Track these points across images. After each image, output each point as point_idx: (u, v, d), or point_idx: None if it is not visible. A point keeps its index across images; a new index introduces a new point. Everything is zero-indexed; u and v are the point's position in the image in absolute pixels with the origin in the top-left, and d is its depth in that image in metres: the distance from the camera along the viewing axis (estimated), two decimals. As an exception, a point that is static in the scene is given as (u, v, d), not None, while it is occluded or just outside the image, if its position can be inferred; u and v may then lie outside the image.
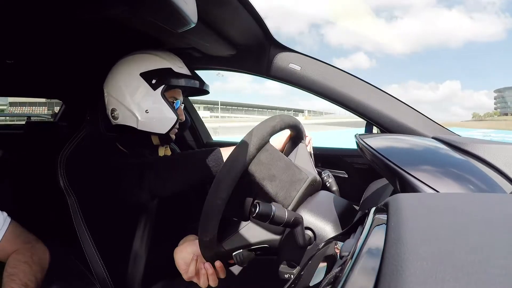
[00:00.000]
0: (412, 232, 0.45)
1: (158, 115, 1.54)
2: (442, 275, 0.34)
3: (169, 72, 1.56)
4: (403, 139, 1.40)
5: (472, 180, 0.95)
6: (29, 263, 1.29)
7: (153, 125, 1.55)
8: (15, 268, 1.24)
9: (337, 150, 2.14)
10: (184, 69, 1.64)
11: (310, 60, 1.74)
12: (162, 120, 1.54)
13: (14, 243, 1.34)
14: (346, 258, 0.57)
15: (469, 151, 1.08)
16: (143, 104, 1.53)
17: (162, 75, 1.54)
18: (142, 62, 1.57)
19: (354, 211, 1.33)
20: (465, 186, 0.92)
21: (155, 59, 1.58)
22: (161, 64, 1.56)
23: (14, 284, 1.19)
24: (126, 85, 1.56)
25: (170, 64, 1.57)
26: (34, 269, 1.28)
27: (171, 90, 1.60)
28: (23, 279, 1.22)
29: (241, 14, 1.48)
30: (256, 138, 1.10)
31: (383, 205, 0.61)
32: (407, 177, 0.90)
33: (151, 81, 1.52)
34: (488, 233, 0.46)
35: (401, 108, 1.64)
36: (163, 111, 1.53)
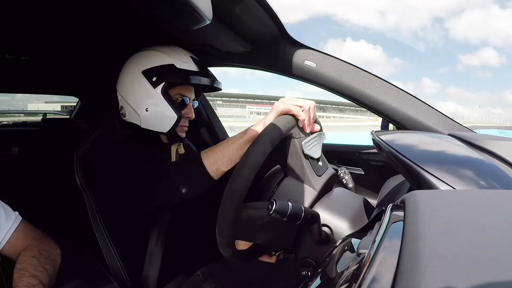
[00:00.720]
0: (430, 229, 0.45)
1: (158, 114, 1.52)
2: (460, 272, 0.35)
3: (170, 68, 1.53)
4: (419, 136, 1.39)
5: (488, 176, 0.94)
6: (37, 256, 1.30)
7: (154, 123, 1.54)
8: (23, 263, 1.26)
9: (353, 147, 2.13)
10: (189, 64, 1.58)
11: (325, 57, 1.73)
12: (162, 118, 1.52)
13: (24, 240, 1.35)
14: (363, 255, 0.57)
15: (485, 148, 1.08)
16: (144, 102, 1.52)
17: (163, 72, 1.52)
18: (144, 60, 1.56)
19: (371, 208, 1.32)
20: (481, 183, 0.91)
21: (157, 55, 1.56)
22: (163, 61, 1.54)
23: (24, 277, 1.21)
24: (129, 83, 1.56)
25: (172, 60, 1.54)
26: (42, 261, 1.30)
27: (177, 87, 1.58)
28: (32, 271, 1.23)
29: (256, 10, 1.48)
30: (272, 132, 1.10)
31: (400, 202, 0.61)
32: (423, 174, 0.90)
33: (151, 79, 1.51)
34: (505, 229, 0.46)
35: (417, 105, 1.63)
36: (162, 109, 1.50)
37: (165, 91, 1.51)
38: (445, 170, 0.93)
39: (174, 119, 1.50)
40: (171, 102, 1.51)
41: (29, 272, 1.23)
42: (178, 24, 1.21)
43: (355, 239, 0.81)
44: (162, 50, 1.57)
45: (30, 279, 1.20)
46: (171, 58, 1.53)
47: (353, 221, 1.14)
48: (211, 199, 1.37)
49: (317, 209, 1.16)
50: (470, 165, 1.02)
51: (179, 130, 1.60)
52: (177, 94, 1.57)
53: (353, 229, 1.08)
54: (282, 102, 1.17)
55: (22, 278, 1.20)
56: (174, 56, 1.54)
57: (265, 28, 1.64)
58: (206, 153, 1.31)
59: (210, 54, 2.00)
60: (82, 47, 2.07)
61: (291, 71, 1.78)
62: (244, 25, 1.61)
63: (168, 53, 1.55)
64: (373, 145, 1.27)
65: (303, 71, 1.75)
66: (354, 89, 1.68)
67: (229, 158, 1.27)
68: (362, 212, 1.24)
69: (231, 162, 1.27)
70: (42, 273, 1.25)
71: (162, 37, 1.67)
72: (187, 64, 1.55)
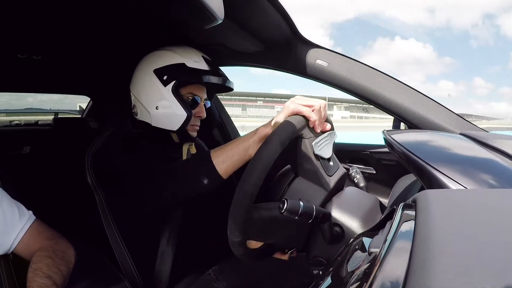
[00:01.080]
0: (441, 228, 0.45)
1: (168, 112, 1.53)
2: (471, 271, 0.35)
3: (181, 67, 1.54)
4: (430, 135, 1.39)
5: (500, 176, 0.94)
6: (52, 256, 1.30)
7: (164, 121, 1.55)
8: (38, 263, 1.26)
9: (364, 146, 2.13)
10: (200, 63, 1.59)
11: (337, 56, 1.73)
12: (172, 116, 1.53)
13: (38, 240, 1.35)
14: (375, 255, 0.57)
15: (497, 147, 1.07)
16: (154, 100, 1.54)
17: (174, 71, 1.53)
18: (156, 59, 1.57)
19: (382, 207, 1.32)
20: (493, 183, 0.91)
21: (169, 55, 1.57)
22: (174, 60, 1.55)
23: (38, 278, 1.21)
24: (141, 82, 1.57)
25: (183, 59, 1.55)
26: (57, 262, 1.30)
27: (188, 86, 1.59)
28: (46, 271, 1.23)
29: (267, 10, 1.48)
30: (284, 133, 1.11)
31: (412, 201, 0.62)
32: (435, 173, 0.90)
33: (162, 78, 1.52)
34: (517, 229, 0.46)
35: (428, 104, 1.62)
36: (172, 107, 1.51)
37: (175, 90, 1.52)
38: (457, 169, 0.92)
39: (184, 117, 1.51)
40: (181, 101, 1.52)
41: (44, 272, 1.23)
42: (191, 23, 1.21)
43: (366, 238, 0.81)
44: (174, 50, 1.58)
45: (44, 279, 1.21)
46: (182, 57, 1.54)
47: (365, 220, 1.14)
48: (222, 198, 1.37)
49: (329, 208, 1.16)
50: (481, 165, 1.01)
51: (190, 129, 1.61)
52: (188, 93, 1.58)
53: (365, 228, 1.08)
54: (292, 102, 1.15)
55: (36, 279, 1.20)
56: (186, 56, 1.55)
57: (277, 27, 1.64)
58: (216, 151, 1.32)
59: (222, 54, 2.00)
60: (93, 47, 2.07)
61: (303, 70, 1.78)
62: (256, 25, 1.61)
63: (180, 53, 1.56)
64: (385, 144, 1.27)
65: (315, 70, 1.75)
66: (366, 88, 1.67)
67: (238, 157, 1.27)
68: (373, 211, 1.24)
69: (240, 161, 1.28)
70: (57, 274, 1.26)
71: (174, 37, 1.68)
72: (198, 64, 1.56)
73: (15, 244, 1.31)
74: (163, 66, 1.53)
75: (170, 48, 1.59)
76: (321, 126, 1.20)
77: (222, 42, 1.84)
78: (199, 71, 1.55)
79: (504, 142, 1.10)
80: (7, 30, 1.65)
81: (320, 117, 1.18)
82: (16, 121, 4.27)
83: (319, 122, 1.17)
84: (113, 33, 1.82)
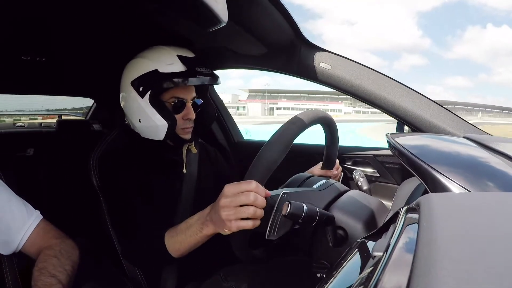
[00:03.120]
0: (444, 232, 0.45)
1: (150, 124, 1.50)
2: (475, 276, 0.35)
3: (154, 75, 1.48)
4: (434, 139, 1.39)
5: (504, 179, 0.94)
6: (58, 256, 1.31)
7: (148, 132, 1.54)
8: (44, 262, 1.27)
9: (368, 149, 2.13)
10: (175, 65, 1.50)
11: (340, 59, 1.73)
12: (154, 128, 1.50)
13: (44, 238, 1.36)
14: (378, 258, 0.57)
15: (501, 151, 1.07)
16: (136, 113, 1.52)
17: (147, 80, 1.49)
18: (131, 69, 1.54)
19: (386, 211, 1.32)
20: (496, 186, 0.91)
21: (142, 62, 1.53)
22: (146, 68, 1.50)
23: (43, 276, 1.22)
24: (124, 95, 1.57)
25: (155, 64, 1.49)
26: (63, 261, 1.30)
27: (170, 90, 1.53)
28: (52, 271, 1.24)
29: (271, 13, 1.48)
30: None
31: (415, 204, 0.61)
32: (438, 176, 0.90)
33: (139, 89, 1.49)
34: (521, 233, 0.46)
35: (432, 107, 1.62)
36: (152, 119, 1.49)
37: (154, 100, 1.49)
38: (460, 172, 0.92)
39: (165, 127, 1.49)
40: (160, 109, 1.49)
41: (49, 271, 1.24)
42: (194, 26, 1.21)
43: (369, 241, 0.81)
44: (146, 55, 1.54)
45: (50, 278, 1.21)
46: (154, 62, 1.49)
47: (368, 223, 1.14)
48: None
49: (332, 211, 1.16)
50: (485, 168, 1.01)
51: (181, 133, 1.58)
52: (171, 98, 1.54)
53: (368, 232, 1.08)
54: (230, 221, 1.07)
55: (41, 277, 1.21)
56: (158, 60, 1.50)
57: (281, 30, 1.64)
58: (169, 240, 1.34)
59: (225, 56, 2.01)
60: (97, 49, 2.08)
61: (306, 73, 1.79)
62: (260, 28, 1.61)
63: (152, 58, 1.52)
64: (388, 147, 1.27)
65: (319, 73, 1.75)
66: (370, 91, 1.68)
67: (189, 247, 1.30)
68: (377, 214, 1.24)
69: (192, 248, 1.31)
70: (62, 273, 1.26)
71: (177, 40, 1.67)
72: (171, 66, 1.49)
73: (23, 242, 1.33)
74: (137, 76, 1.50)
75: (143, 55, 1.55)
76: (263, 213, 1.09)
77: (225, 45, 1.85)
78: (172, 75, 1.48)
79: (508, 145, 1.10)
80: (10, 32, 1.65)
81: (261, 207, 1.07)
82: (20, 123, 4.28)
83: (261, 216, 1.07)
84: (116, 35, 1.83)
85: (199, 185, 1.68)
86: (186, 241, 1.27)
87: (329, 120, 1.36)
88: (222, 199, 1.09)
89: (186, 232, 1.27)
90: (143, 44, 1.61)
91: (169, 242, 1.32)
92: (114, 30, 1.74)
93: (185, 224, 1.30)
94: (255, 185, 1.04)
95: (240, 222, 1.06)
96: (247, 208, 1.04)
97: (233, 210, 1.06)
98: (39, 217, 1.39)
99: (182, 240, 1.28)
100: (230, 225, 1.07)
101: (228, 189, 1.08)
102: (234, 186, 1.07)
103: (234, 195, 1.06)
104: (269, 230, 1.03)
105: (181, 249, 1.30)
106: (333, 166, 1.58)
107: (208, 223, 1.18)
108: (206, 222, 1.19)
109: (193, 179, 1.67)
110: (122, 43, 1.90)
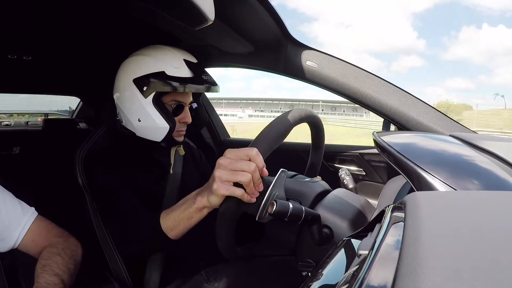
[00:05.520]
0: (430, 230, 0.45)
1: (150, 124, 1.49)
2: (460, 274, 0.35)
3: (160, 76, 1.47)
4: (420, 137, 1.39)
5: (489, 178, 0.94)
6: (62, 255, 1.31)
7: (147, 133, 1.53)
8: (48, 260, 1.27)
9: (354, 147, 2.14)
10: (181, 69, 1.50)
11: (327, 58, 1.73)
12: (154, 129, 1.50)
13: (47, 237, 1.37)
14: (364, 257, 0.57)
15: (486, 149, 1.08)
16: (136, 112, 1.51)
17: (153, 81, 1.47)
18: (135, 67, 1.52)
19: (371, 209, 1.33)
20: (482, 184, 0.91)
21: (148, 61, 1.51)
22: (153, 68, 1.48)
23: (46, 274, 1.21)
24: (122, 91, 1.54)
25: (163, 65, 1.48)
26: (66, 260, 1.30)
27: (171, 93, 1.54)
28: (55, 269, 1.24)
29: (258, 11, 1.48)
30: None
31: (401, 203, 0.61)
32: (424, 175, 0.90)
33: (142, 88, 1.47)
34: (506, 231, 0.46)
35: (418, 106, 1.63)
36: (154, 120, 1.48)
37: (157, 100, 1.49)
38: (446, 171, 0.93)
39: (166, 130, 1.49)
40: (163, 111, 1.49)
41: (52, 270, 1.23)
42: (181, 24, 1.20)
43: (355, 240, 0.81)
44: (153, 55, 1.53)
45: (52, 277, 1.21)
46: (162, 63, 1.48)
47: (354, 222, 1.15)
48: None
49: (318, 210, 1.16)
50: (471, 166, 1.02)
51: (175, 135, 1.58)
52: (171, 101, 1.55)
53: (354, 230, 1.08)
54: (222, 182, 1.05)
55: (44, 275, 1.21)
56: (165, 61, 1.49)
57: (267, 29, 1.64)
58: (164, 218, 1.32)
59: (212, 54, 2.00)
60: (84, 47, 2.07)
61: (293, 72, 1.79)
62: (246, 26, 1.61)
63: (159, 58, 1.50)
64: (375, 145, 1.27)
65: (305, 72, 1.75)
66: (356, 90, 1.68)
67: (183, 226, 1.28)
68: (362, 213, 1.24)
69: (186, 228, 1.28)
70: (65, 272, 1.26)
71: (163, 38, 1.66)
72: (178, 70, 1.49)
73: (20, 239, 1.33)
74: (142, 75, 1.48)
75: (148, 53, 1.54)
76: (257, 193, 1.08)
77: (212, 43, 1.84)
78: (179, 79, 1.48)
79: (493, 143, 1.11)
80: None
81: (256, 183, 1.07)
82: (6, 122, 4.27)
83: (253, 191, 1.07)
84: (103, 34, 1.82)
85: (183, 184, 1.68)
86: (179, 216, 1.26)
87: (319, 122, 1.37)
88: (221, 159, 1.07)
89: (181, 207, 1.26)
90: (130, 42, 1.60)
91: (164, 220, 1.31)
92: (101, 28, 1.74)
93: (182, 200, 1.29)
94: (256, 152, 1.04)
95: (232, 187, 1.04)
96: (244, 174, 1.02)
97: (228, 172, 1.04)
98: (34, 213, 1.39)
99: (176, 215, 1.27)
100: (220, 185, 1.05)
101: (229, 151, 1.07)
102: (236, 150, 1.06)
103: (234, 159, 1.05)
104: (261, 210, 1.02)
105: (175, 227, 1.28)
106: (316, 175, 1.59)
107: (203, 193, 1.16)
108: (201, 192, 1.18)
109: (177, 179, 1.68)
110: (109, 41, 1.90)
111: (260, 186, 1.06)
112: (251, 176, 1.02)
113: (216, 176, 1.05)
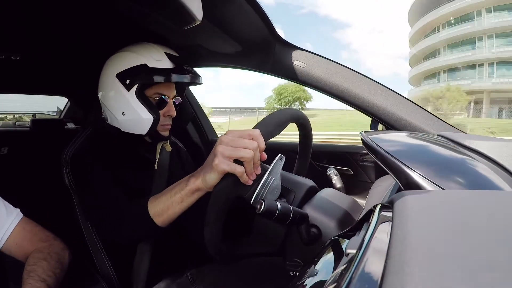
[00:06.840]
0: (417, 229, 0.45)
1: (134, 117, 1.49)
2: (447, 272, 0.35)
3: (142, 68, 1.48)
4: (408, 136, 1.39)
5: (476, 177, 0.95)
6: (48, 259, 1.30)
7: (132, 127, 1.53)
8: (33, 266, 1.25)
9: (342, 147, 2.14)
10: (163, 61, 1.52)
11: (315, 57, 1.73)
12: (139, 121, 1.49)
13: (32, 241, 1.35)
14: (352, 256, 0.57)
15: (474, 148, 1.08)
16: (120, 106, 1.51)
17: (135, 73, 1.48)
18: (118, 62, 1.53)
19: (359, 209, 1.33)
20: (470, 183, 0.92)
21: (130, 56, 1.52)
22: (135, 61, 1.49)
23: (32, 280, 1.20)
24: (106, 88, 1.55)
25: (144, 59, 1.49)
26: (52, 264, 1.29)
27: (154, 86, 1.54)
28: (41, 275, 1.23)
29: (246, 11, 1.48)
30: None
31: (388, 202, 0.62)
32: (412, 174, 0.91)
33: (125, 82, 1.48)
34: (493, 230, 0.46)
35: (406, 105, 1.63)
36: (138, 112, 1.47)
37: (140, 93, 1.48)
38: (434, 170, 0.93)
39: (151, 121, 1.48)
40: (146, 104, 1.49)
41: (38, 275, 1.22)
42: (169, 24, 1.20)
43: (343, 239, 0.81)
44: (135, 50, 1.54)
45: (39, 283, 1.20)
46: (143, 57, 1.50)
47: (342, 221, 1.15)
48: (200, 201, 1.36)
49: (306, 209, 1.16)
50: (458, 166, 1.02)
51: (160, 129, 1.58)
52: (154, 94, 1.55)
53: (342, 230, 1.08)
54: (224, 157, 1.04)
55: (30, 281, 1.19)
56: (146, 55, 1.51)
57: (255, 28, 1.64)
58: (152, 202, 1.30)
59: (200, 54, 2.00)
60: (72, 47, 2.06)
61: (281, 71, 1.79)
62: (234, 26, 1.61)
63: (141, 52, 1.52)
64: (362, 145, 1.27)
65: (293, 71, 1.75)
66: (344, 90, 1.68)
67: (173, 210, 1.25)
68: (350, 212, 1.25)
69: (176, 214, 1.26)
70: (51, 278, 1.25)
71: (151, 38, 1.66)
72: (160, 62, 1.51)
73: (3, 241, 1.31)
74: (125, 69, 1.49)
75: (130, 49, 1.55)
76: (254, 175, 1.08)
77: (199, 43, 1.84)
78: (161, 70, 1.49)
79: (481, 142, 1.11)
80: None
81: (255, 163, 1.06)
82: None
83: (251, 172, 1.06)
84: (91, 33, 1.81)
85: (169, 181, 1.67)
86: (169, 200, 1.24)
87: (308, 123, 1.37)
88: (223, 136, 1.07)
89: (171, 191, 1.25)
90: (118, 41, 1.59)
91: (152, 205, 1.29)
92: (89, 28, 1.72)
93: (173, 185, 1.27)
94: (258, 133, 1.04)
95: (233, 163, 1.03)
96: (246, 150, 1.02)
97: (231, 148, 1.04)
98: (19, 215, 1.38)
99: (166, 199, 1.25)
100: (222, 160, 1.03)
101: (231, 131, 1.07)
102: (238, 130, 1.06)
103: (237, 137, 1.04)
104: (256, 194, 1.02)
105: (164, 212, 1.26)
106: (304, 174, 1.59)
107: (198, 174, 1.15)
108: (196, 174, 1.17)
109: (164, 176, 1.67)
110: (98, 41, 1.89)
111: (258, 169, 1.06)
112: (253, 154, 1.02)
113: (218, 152, 1.04)
